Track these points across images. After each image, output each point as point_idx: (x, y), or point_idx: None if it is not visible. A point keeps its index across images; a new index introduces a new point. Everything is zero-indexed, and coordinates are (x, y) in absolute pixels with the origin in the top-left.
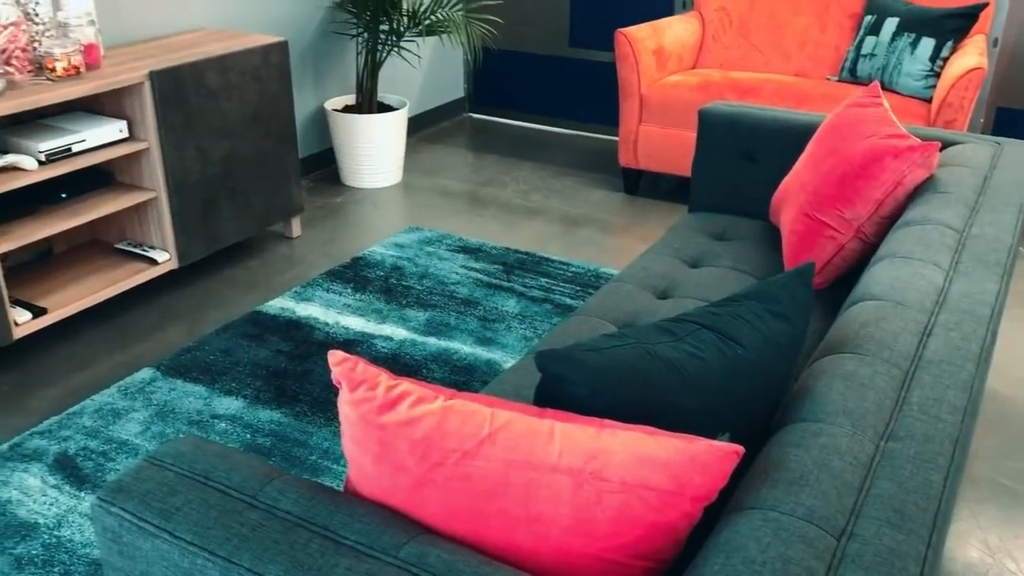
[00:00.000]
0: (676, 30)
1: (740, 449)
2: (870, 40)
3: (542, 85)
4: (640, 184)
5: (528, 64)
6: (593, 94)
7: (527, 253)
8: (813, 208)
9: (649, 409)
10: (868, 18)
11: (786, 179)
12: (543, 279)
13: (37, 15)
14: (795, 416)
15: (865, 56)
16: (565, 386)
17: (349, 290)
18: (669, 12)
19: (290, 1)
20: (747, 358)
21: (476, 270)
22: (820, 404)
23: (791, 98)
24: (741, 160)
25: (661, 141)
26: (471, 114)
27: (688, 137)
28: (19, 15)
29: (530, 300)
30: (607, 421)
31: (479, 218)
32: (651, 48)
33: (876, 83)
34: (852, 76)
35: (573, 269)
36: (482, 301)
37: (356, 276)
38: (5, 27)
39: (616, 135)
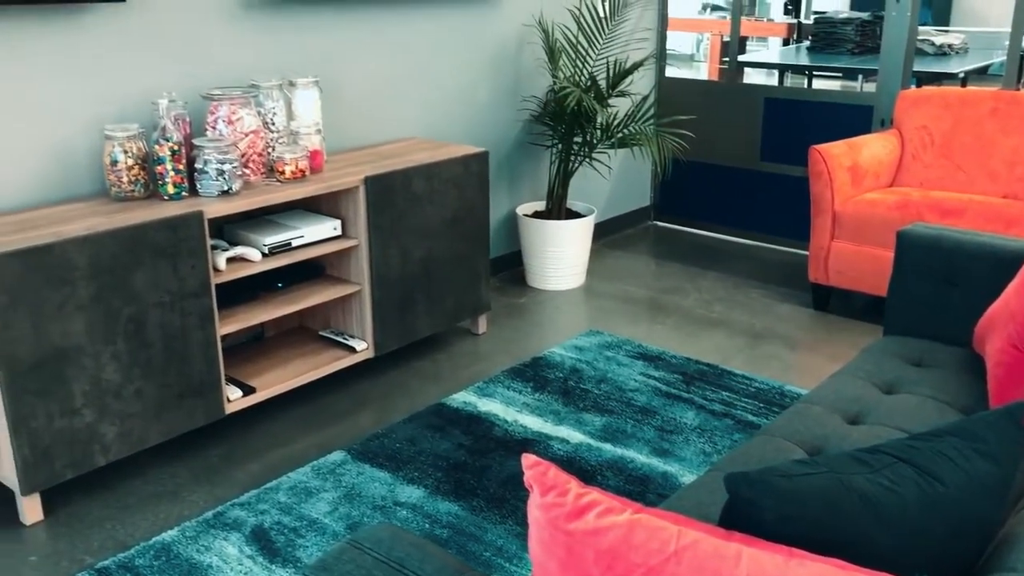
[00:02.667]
0: (873, 148)
1: None
2: None
3: (730, 196)
4: (830, 301)
5: (716, 176)
6: (783, 208)
7: (708, 365)
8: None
9: (840, 541)
10: None
11: (992, 307)
12: (724, 393)
13: (274, 124)
14: (1002, 565)
15: None
16: (754, 510)
17: (529, 389)
18: (866, 130)
19: (492, 115)
20: (949, 497)
21: (655, 378)
22: None
23: (998, 221)
24: (942, 284)
25: (854, 258)
26: (656, 222)
27: (884, 256)
28: (259, 124)
29: (710, 413)
30: (796, 550)
31: (660, 326)
32: (846, 165)
33: None
34: None
35: (757, 385)
36: (660, 411)
37: (536, 376)
38: (246, 135)
39: (806, 249)
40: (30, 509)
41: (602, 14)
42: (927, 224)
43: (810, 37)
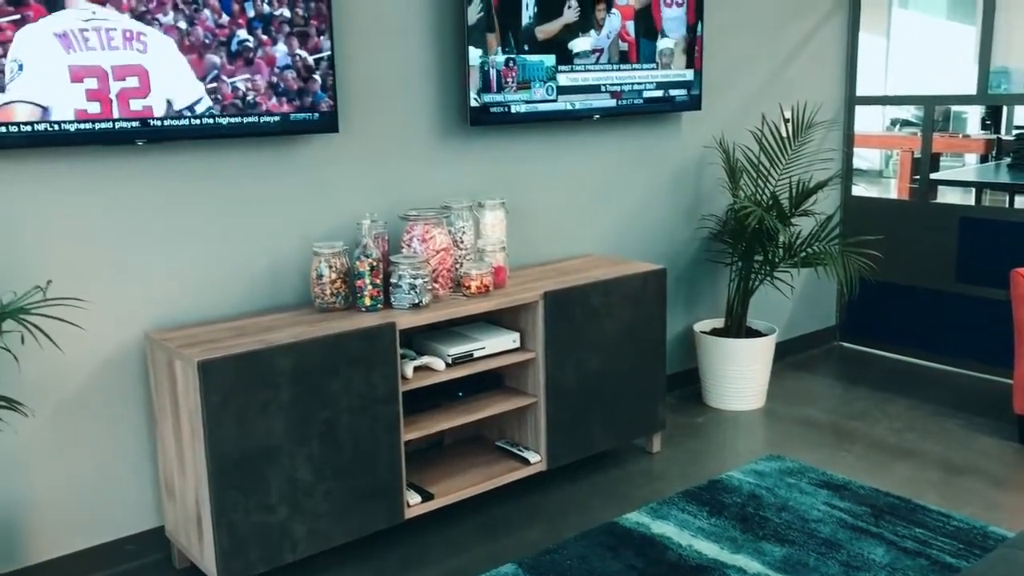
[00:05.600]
0: None
1: None
2: None
3: (923, 319)
4: None
5: (908, 296)
6: (982, 332)
7: (899, 498)
8: None
9: None
10: None
11: None
12: (918, 529)
13: (462, 242)
14: None
15: None
16: None
17: (704, 513)
18: None
19: (671, 232)
20: None
21: (840, 509)
22: None
23: None
24: None
25: None
26: (841, 343)
27: None
28: (449, 243)
29: (901, 551)
30: None
31: (845, 453)
32: None
33: None
34: None
35: (954, 523)
36: (846, 544)
37: (712, 500)
38: (438, 252)
39: (1010, 377)
40: None
41: (785, 135)
42: None
43: (1011, 153)
